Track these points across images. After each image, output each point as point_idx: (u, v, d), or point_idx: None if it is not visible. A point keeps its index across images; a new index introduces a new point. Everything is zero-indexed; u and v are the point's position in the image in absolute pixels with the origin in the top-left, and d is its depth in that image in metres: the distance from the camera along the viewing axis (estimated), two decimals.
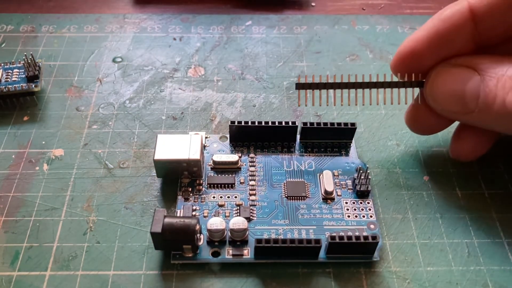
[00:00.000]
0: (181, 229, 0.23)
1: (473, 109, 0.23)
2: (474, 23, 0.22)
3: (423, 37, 0.24)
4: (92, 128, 0.31)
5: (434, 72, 0.25)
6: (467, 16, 0.22)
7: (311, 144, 0.29)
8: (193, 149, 0.26)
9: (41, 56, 0.36)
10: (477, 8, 0.22)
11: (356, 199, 0.27)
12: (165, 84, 0.34)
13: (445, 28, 0.23)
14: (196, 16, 0.40)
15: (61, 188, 0.28)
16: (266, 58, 0.36)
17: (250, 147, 0.29)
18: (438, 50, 0.24)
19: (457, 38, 0.23)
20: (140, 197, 0.27)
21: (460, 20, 0.22)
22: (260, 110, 0.32)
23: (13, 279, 0.24)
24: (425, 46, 0.24)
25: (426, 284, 0.24)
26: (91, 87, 0.33)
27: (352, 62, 0.36)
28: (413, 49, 0.24)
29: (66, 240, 0.25)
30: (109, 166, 0.29)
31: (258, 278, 0.24)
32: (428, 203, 0.27)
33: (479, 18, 0.22)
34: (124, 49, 0.36)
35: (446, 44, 0.24)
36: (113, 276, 0.24)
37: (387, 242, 0.26)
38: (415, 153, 0.30)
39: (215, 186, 0.27)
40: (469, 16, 0.22)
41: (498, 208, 0.27)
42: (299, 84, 0.26)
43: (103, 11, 0.40)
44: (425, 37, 0.24)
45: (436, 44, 0.24)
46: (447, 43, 0.24)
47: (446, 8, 0.23)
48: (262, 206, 0.26)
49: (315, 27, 0.39)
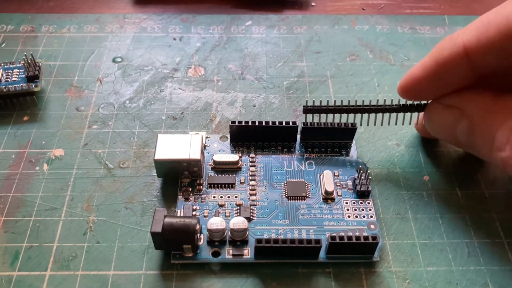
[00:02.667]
0: (181, 229, 0.23)
1: (464, 142, 0.25)
2: (470, 62, 0.23)
3: (421, 77, 0.25)
4: (92, 128, 0.31)
5: (428, 110, 0.27)
6: (463, 58, 0.23)
7: (312, 144, 0.29)
8: (194, 149, 0.26)
9: (41, 56, 0.36)
10: (472, 50, 0.22)
11: (357, 199, 0.27)
12: (165, 84, 0.34)
13: (442, 71, 0.24)
14: (196, 16, 0.40)
15: (61, 188, 0.28)
16: (266, 58, 0.36)
17: (251, 147, 0.29)
18: (436, 88, 0.25)
19: (454, 77, 0.24)
20: (140, 197, 0.27)
21: (456, 62, 0.23)
22: (260, 110, 0.32)
23: (13, 279, 0.24)
24: (424, 85, 0.25)
25: (426, 284, 0.24)
26: (91, 87, 0.33)
27: (352, 62, 0.36)
28: (413, 86, 0.25)
29: (66, 240, 0.25)
30: (109, 166, 0.29)
31: (258, 278, 0.24)
32: (428, 203, 0.27)
33: (475, 58, 0.22)
34: (124, 49, 0.36)
35: (444, 82, 0.25)
36: (113, 276, 0.24)
37: (387, 242, 0.26)
38: (415, 153, 0.30)
39: (215, 186, 0.27)
40: (465, 58, 0.23)
41: (498, 208, 0.27)
42: (306, 109, 0.27)
43: (103, 11, 0.40)
44: (423, 77, 0.25)
45: (434, 84, 0.25)
46: (444, 82, 0.25)
47: (443, 48, 0.24)
48: (263, 206, 0.26)
49: (315, 27, 0.39)
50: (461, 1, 0.42)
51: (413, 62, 0.36)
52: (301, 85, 0.34)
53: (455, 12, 0.41)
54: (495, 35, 0.21)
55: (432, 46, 0.37)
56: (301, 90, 0.34)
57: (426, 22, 0.39)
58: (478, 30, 0.22)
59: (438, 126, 0.27)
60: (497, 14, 0.21)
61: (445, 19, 0.40)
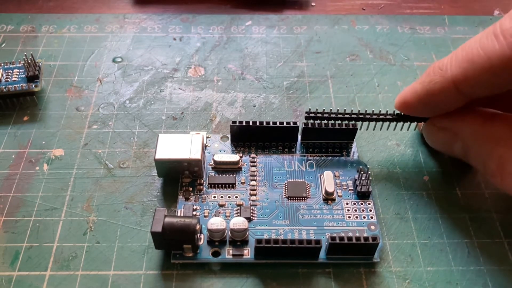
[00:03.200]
0: (182, 229, 0.23)
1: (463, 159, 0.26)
2: (460, 93, 0.23)
3: (414, 102, 0.25)
4: (92, 128, 0.31)
5: (425, 129, 0.28)
6: (453, 90, 0.23)
7: (312, 145, 0.29)
8: (194, 149, 0.26)
9: (41, 56, 0.36)
10: (461, 84, 0.22)
11: (357, 200, 0.27)
12: (165, 84, 0.34)
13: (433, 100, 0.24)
14: (196, 16, 0.40)
15: (61, 188, 0.28)
16: (266, 58, 0.36)
17: (251, 147, 0.29)
18: (428, 111, 0.26)
19: (446, 104, 0.24)
20: (140, 197, 0.27)
21: (446, 93, 0.23)
22: (260, 110, 0.32)
23: (13, 279, 0.24)
24: (416, 109, 0.26)
25: (426, 284, 0.24)
26: (91, 87, 0.33)
27: (352, 62, 0.36)
28: (406, 108, 0.26)
29: (66, 240, 0.25)
30: (109, 166, 0.29)
31: (258, 278, 0.24)
32: (428, 203, 0.27)
33: (464, 90, 0.23)
34: (124, 49, 0.36)
35: (435, 107, 0.25)
36: (113, 276, 0.24)
37: (387, 242, 0.26)
38: (415, 153, 0.30)
39: (216, 186, 0.27)
40: (455, 89, 0.23)
41: (498, 208, 0.27)
42: (308, 116, 0.27)
43: (103, 11, 0.40)
44: (415, 102, 0.25)
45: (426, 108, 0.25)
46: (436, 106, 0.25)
47: (433, 80, 0.24)
48: (263, 206, 0.26)
49: (315, 27, 0.39)
50: (461, 1, 0.42)
51: (413, 62, 0.36)
52: (301, 85, 0.34)
53: (455, 12, 0.41)
54: (480, 73, 0.21)
55: (432, 46, 0.37)
56: (301, 90, 0.34)
57: (426, 22, 0.39)
58: (464, 66, 0.22)
59: (436, 144, 0.28)
60: (479, 50, 0.21)
61: (445, 19, 0.40)
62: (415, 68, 0.35)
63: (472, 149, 0.25)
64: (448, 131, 0.26)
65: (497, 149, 0.23)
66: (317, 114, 0.27)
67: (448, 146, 0.26)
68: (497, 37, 0.20)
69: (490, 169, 0.24)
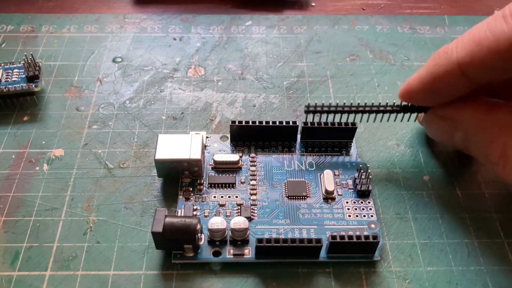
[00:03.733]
0: (182, 229, 0.23)
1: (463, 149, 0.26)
2: (465, 77, 0.23)
3: (418, 89, 0.25)
4: (92, 128, 0.31)
5: (426, 118, 0.27)
6: (458, 74, 0.23)
7: (312, 144, 0.29)
8: (194, 149, 0.26)
9: (41, 56, 0.36)
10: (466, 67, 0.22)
11: (357, 199, 0.27)
12: (165, 84, 0.34)
13: (438, 85, 0.24)
14: (196, 16, 0.40)
15: (61, 188, 0.28)
16: (266, 58, 0.36)
17: (251, 146, 0.29)
18: (433, 98, 0.26)
19: (450, 89, 0.24)
20: (140, 197, 0.27)
21: (451, 77, 0.23)
22: (260, 110, 0.32)
23: (13, 279, 0.24)
24: (421, 96, 0.25)
25: (426, 284, 0.24)
26: (91, 87, 0.33)
27: (352, 62, 0.36)
28: (411, 95, 0.26)
29: (66, 240, 0.25)
30: (109, 166, 0.29)
31: (258, 277, 0.24)
32: (428, 203, 0.27)
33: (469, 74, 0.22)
34: (124, 49, 0.36)
35: (440, 93, 0.25)
36: (113, 276, 0.24)
37: (387, 242, 0.26)
38: (415, 153, 0.30)
39: (216, 186, 0.27)
40: (460, 73, 0.23)
41: (498, 208, 0.27)
42: (307, 110, 0.27)
43: (103, 11, 0.40)
44: (420, 89, 0.25)
45: (431, 95, 0.25)
46: (441, 93, 0.25)
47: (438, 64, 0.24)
48: (263, 206, 0.26)
49: (315, 27, 0.39)
50: (461, 1, 0.42)
51: (413, 62, 0.36)
52: (301, 85, 0.34)
53: (455, 12, 0.41)
54: (487, 55, 0.21)
55: (432, 46, 0.37)
56: (301, 90, 0.34)
57: (426, 22, 0.39)
58: (470, 48, 0.22)
59: (436, 134, 0.28)
60: (487, 32, 0.21)
61: (445, 19, 0.40)
62: (415, 68, 0.35)
63: (474, 137, 0.24)
64: (449, 120, 0.25)
65: (501, 136, 0.23)
66: (316, 107, 0.27)
67: (449, 136, 0.26)
68: (506, 19, 0.20)
69: (493, 157, 0.23)
